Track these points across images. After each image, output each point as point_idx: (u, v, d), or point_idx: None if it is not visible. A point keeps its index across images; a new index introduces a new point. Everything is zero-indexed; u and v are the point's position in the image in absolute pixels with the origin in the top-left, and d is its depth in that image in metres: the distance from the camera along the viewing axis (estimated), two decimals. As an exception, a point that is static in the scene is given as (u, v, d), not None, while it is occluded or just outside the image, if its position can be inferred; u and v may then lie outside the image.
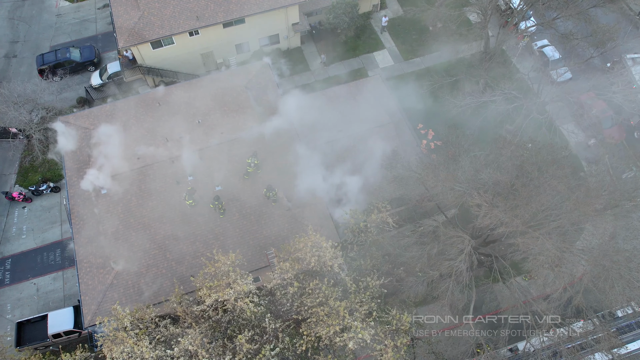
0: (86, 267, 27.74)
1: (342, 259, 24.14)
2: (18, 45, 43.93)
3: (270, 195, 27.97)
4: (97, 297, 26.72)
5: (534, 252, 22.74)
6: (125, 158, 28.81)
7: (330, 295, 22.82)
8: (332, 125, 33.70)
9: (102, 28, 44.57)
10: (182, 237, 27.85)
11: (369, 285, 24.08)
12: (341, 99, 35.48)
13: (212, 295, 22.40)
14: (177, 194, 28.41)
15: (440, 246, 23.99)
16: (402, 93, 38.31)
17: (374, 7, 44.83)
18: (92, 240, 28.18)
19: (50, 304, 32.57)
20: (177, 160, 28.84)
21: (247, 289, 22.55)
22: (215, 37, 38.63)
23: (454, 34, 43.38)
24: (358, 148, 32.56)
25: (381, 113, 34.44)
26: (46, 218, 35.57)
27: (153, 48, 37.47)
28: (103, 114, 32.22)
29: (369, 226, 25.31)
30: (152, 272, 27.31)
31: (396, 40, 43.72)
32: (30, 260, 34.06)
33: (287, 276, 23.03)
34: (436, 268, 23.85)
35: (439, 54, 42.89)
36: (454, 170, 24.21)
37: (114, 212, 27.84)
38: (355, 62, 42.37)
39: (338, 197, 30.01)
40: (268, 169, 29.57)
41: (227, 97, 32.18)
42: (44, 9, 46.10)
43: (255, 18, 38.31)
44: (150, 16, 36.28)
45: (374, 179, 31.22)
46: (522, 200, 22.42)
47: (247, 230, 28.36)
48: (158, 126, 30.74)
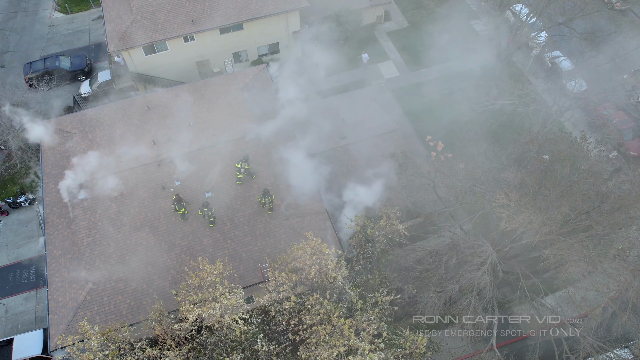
0: (57, 282, 24.59)
1: (346, 270, 21.01)
2: (7, 55, 42.16)
3: (265, 202, 25.10)
4: (67, 315, 23.44)
5: (568, 262, 19.66)
6: (107, 161, 26.12)
7: (332, 312, 19.61)
8: (334, 132, 31.34)
9: (96, 39, 42.92)
10: (166, 248, 24.82)
11: (377, 301, 20.89)
12: (344, 106, 33.24)
13: (195, 311, 19.19)
14: (163, 200, 25.57)
15: (460, 256, 20.90)
16: (408, 103, 36.05)
17: (377, 19, 43.25)
18: (66, 252, 25.15)
19: (19, 326, 29.14)
20: (164, 163, 26.15)
21: (236, 303, 19.37)
22: (212, 44, 36.71)
23: (461, 46, 41.72)
24: (362, 156, 30.02)
25: (387, 121, 32.12)
26: (22, 232, 32.56)
27: (146, 54, 35.47)
28: (87, 118, 29.78)
29: (377, 234, 22.28)
30: (131, 287, 24.12)
31: (401, 52, 41.90)
32: (1, 279, 30.84)
33: (283, 289, 19.85)
34: (455, 281, 20.68)
35: (446, 65, 41.00)
36: (472, 169, 21.42)
37: (91, 220, 24.91)
38: (359, 73, 40.34)
39: (341, 206, 27.19)
40: (264, 174, 26.83)
41: (221, 100, 29.82)
42: (37, 20, 44.65)
43: (254, 24, 36.52)
44: (143, 20, 34.46)
45: (380, 188, 28.51)
46: (553, 202, 19.53)
47: (239, 241, 25.34)
48: (145, 129, 28.24)
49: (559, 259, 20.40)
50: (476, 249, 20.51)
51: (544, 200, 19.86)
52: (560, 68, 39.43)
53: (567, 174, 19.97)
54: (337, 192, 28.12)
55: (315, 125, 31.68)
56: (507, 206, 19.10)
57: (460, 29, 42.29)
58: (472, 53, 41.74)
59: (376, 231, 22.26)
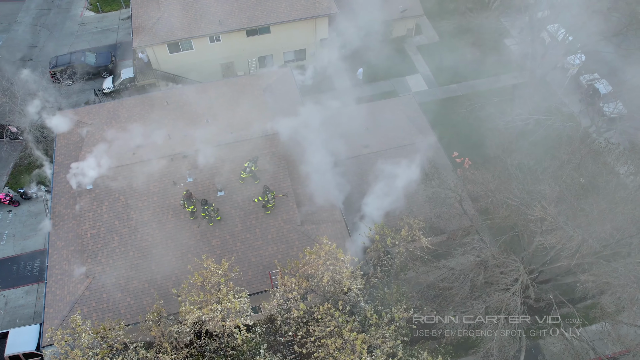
0: (57, 275, 23.44)
1: (361, 279, 19.26)
2: (36, 49, 42.39)
3: (268, 199, 23.52)
4: (63, 310, 22.17)
5: (611, 289, 17.55)
6: (120, 153, 25.18)
7: (344, 325, 17.84)
8: (357, 140, 29.96)
9: (123, 38, 42.90)
10: (172, 247, 23.51)
11: (394, 317, 19.02)
12: (368, 114, 31.88)
13: (194, 312, 17.67)
14: (173, 197, 24.38)
15: (488, 274, 18.97)
16: (436, 117, 34.48)
17: (408, 32, 42.19)
18: (70, 243, 24.07)
19: (17, 320, 27.99)
20: (177, 158, 25.06)
21: (240, 308, 17.79)
22: (237, 46, 36.06)
23: (493, 63, 40.25)
24: (385, 165, 28.47)
25: (412, 133, 30.64)
26: (31, 224, 31.75)
27: (170, 52, 34.99)
28: (105, 110, 29.15)
29: (397, 244, 20.53)
30: (132, 285, 22.78)
31: (431, 66, 40.61)
32: (4, 270, 29.92)
33: (291, 295, 18.19)
34: (482, 301, 18.71)
35: (477, 82, 39.53)
36: (507, 181, 19.62)
37: (97, 212, 23.82)
38: (386, 85, 39.13)
39: (359, 216, 25.59)
40: (280, 176, 25.48)
41: (242, 99, 28.83)
42: (68, 17, 45.00)
43: (282, 28, 35.80)
44: (171, 17, 34.07)
45: (402, 199, 26.86)
46: (596, 219, 17.59)
47: (250, 245, 23.88)
48: (162, 124, 27.31)
49: (599, 285, 18.31)
50: (506, 267, 18.58)
51: (585, 217, 17.92)
52: (597, 90, 37.50)
53: (612, 190, 18.04)
54: (355, 201, 26.60)
55: (337, 132, 30.39)
56: (543, 220, 17.22)
57: (493, 47, 40.92)
58: (505, 71, 40.22)
59: (397, 242, 20.52)
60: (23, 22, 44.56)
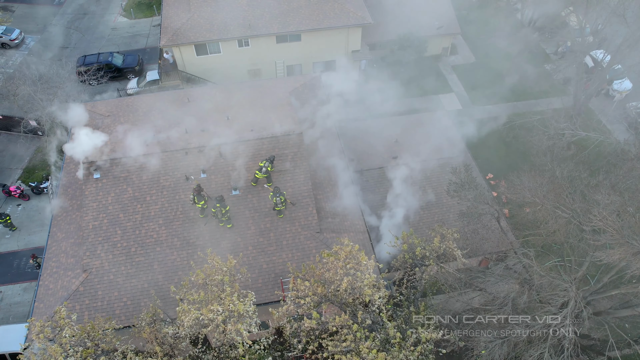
0: (52, 267, 21.66)
1: (385, 292, 16.76)
2: (67, 50, 42.40)
3: (277, 202, 21.47)
4: (53, 305, 20.22)
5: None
6: (133, 143, 23.68)
7: (363, 340, 15.32)
8: (386, 151, 28.05)
9: (153, 43, 42.68)
10: (178, 246, 21.54)
11: (421, 338, 16.39)
12: (400, 127, 30.01)
13: (192, 312, 15.45)
14: (184, 192, 22.60)
15: (533, 293, 16.28)
16: (470, 138, 32.20)
17: (443, 51, 40.64)
18: (70, 235, 22.38)
19: (10, 318, 26.20)
20: (192, 152, 23.41)
21: (244, 310, 15.50)
22: (266, 53, 35.01)
23: (532, 87, 38.18)
24: (415, 178, 26.34)
25: (445, 148, 28.55)
26: (38, 219, 30.42)
27: (197, 54, 34.15)
28: (124, 104, 28.00)
29: (428, 255, 18.04)
30: (130, 284, 20.77)
31: (465, 85, 38.77)
32: (5, 264, 28.42)
33: (304, 301, 15.81)
34: (525, 325, 15.93)
35: (514, 104, 37.42)
36: (559, 187, 17.14)
37: (102, 202, 22.15)
38: (418, 102, 37.30)
39: (383, 231, 23.34)
40: (301, 180, 23.50)
41: (266, 100, 27.29)
42: (102, 22, 45.24)
43: (313, 36, 34.70)
44: (200, 19, 33.37)
45: (432, 215, 24.51)
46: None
47: (262, 250, 21.73)
48: (180, 119, 25.87)
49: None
50: (554, 288, 15.89)
51: (653, 235, 15.21)
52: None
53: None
54: (380, 211, 24.42)
55: (366, 142, 28.58)
56: (604, 232, 14.63)
57: (532, 70, 38.93)
58: (543, 96, 38.06)
59: (427, 253, 18.05)
60: (58, 24, 44.95)
